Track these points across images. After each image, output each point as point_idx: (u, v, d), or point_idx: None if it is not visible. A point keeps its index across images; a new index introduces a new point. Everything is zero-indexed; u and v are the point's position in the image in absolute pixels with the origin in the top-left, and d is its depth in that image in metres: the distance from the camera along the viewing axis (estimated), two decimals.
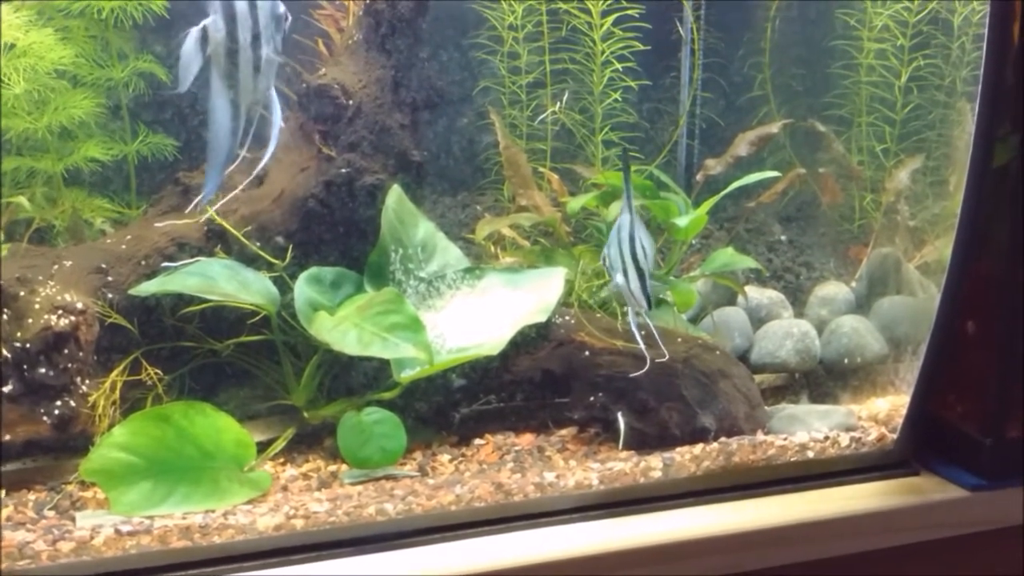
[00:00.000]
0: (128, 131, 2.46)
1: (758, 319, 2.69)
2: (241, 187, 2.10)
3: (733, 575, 1.95)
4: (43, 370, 1.97)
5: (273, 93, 1.93)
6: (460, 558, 1.82)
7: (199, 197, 2.12)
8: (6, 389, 1.94)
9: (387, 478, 2.06)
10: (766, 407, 2.33)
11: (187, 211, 2.17)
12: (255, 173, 2.08)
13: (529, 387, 2.29)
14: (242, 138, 1.94)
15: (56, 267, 2.08)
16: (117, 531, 1.76)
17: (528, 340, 2.28)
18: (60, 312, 1.99)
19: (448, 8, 2.78)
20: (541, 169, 2.79)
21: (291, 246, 2.22)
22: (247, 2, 1.84)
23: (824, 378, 2.62)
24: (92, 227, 2.41)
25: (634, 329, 2.15)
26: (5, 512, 1.87)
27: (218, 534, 1.80)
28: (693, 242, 2.85)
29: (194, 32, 1.80)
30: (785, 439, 2.16)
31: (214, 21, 1.81)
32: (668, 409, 2.18)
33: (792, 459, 2.13)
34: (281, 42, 1.93)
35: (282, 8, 1.91)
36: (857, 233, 2.99)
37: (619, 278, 2.11)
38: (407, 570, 1.78)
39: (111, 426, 1.98)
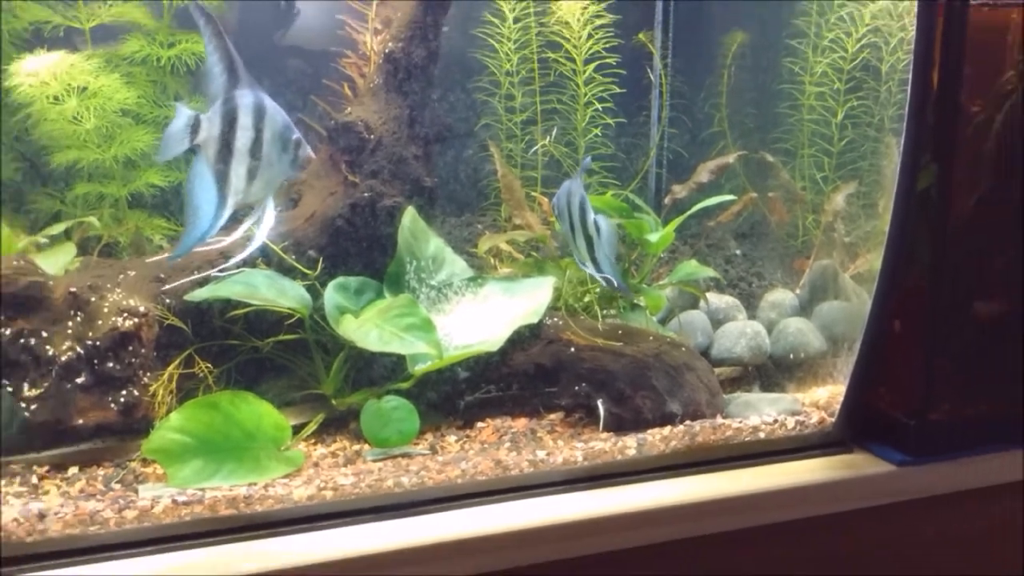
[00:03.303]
0: (183, 161, 2.46)
1: (717, 321, 2.69)
2: (239, 257, 1.94)
3: (695, 537, 1.95)
4: (111, 364, 1.97)
5: (270, 201, 1.75)
6: (465, 523, 1.82)
7: (169, 255, 2.05)
8: (80, 380, 1.95)
9: (403, 456, 2.06)
10: (724, 395, 2.33)
11: (165, 258, 2.09)
12: (236, 260, 1.95)
13: (523, 378, 2.28)
14: (251, 222, 1.79)
15: (122, 277, 2.08)
16: (174, 501, 1.77)
17: (522, 338, 2.28)
18: (125, 315, 1.99)
19: (455, 57, 2.79)
20: (533, 193, 2.79)
21: (321, 259, 2.22)
22: (252, 117, 1.65)
23: (773, 371, 2.61)
24: (152, 243, 2.41)
25: (581, 264, 2.18)
26: (78, 485, 1.87)
27: (259, 504, 1.81)
28: (662, 255, 2.85)
29: (184, 115, 1.63)
30: (740, 422, 2.17)
31: (210, 118, 1.65)
32: (642, 397, 2.18)
33: (746, 439, 2.14)
34: (291, 164, 1.72)
35: (296, 134, 1.73)
36: (801, 248, 3.00)
37: (567, 228, 2.14)
38: (421, 534, 1.78)
39: (168, 412, 1.98)
